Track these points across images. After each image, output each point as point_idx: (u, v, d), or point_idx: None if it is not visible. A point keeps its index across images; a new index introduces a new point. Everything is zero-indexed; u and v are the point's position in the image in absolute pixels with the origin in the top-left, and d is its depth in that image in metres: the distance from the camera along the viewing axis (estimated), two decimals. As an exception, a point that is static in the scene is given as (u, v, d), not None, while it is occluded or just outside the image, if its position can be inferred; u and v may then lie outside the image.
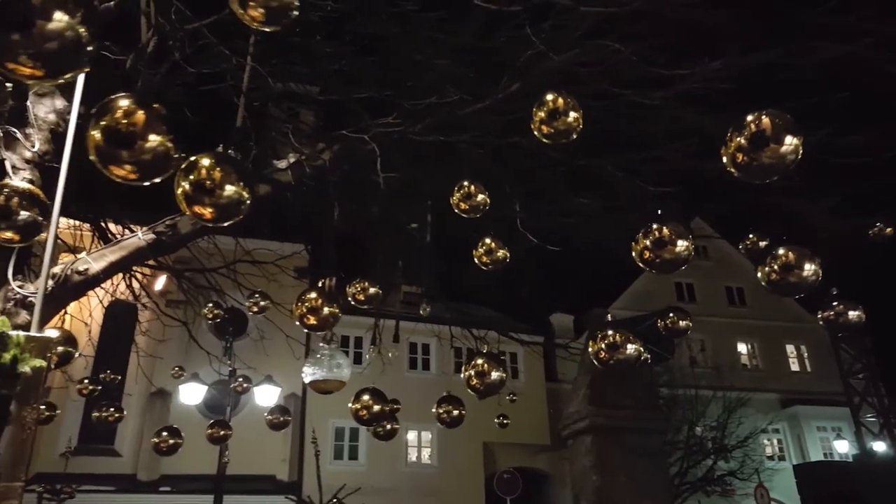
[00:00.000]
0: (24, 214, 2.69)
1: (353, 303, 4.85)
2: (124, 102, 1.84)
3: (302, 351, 14.29)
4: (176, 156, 1.92)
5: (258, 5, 2.21)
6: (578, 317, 25.23)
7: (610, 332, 3.93)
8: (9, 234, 2.70)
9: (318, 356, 4.35)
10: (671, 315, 4.78)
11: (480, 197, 4.32)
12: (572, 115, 3.42)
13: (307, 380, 4.37)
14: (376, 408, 4.48)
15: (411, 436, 21.60)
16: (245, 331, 16.32)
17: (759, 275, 3.21)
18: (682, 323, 4.75)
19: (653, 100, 5.23)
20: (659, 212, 3.20)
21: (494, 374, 3.82)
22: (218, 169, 2.12)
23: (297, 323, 3.88)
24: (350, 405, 4.54)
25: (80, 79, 3.33)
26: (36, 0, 1.48)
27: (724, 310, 28.21)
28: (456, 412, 5.09)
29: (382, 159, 4.82)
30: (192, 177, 2.09)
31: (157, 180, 1.96)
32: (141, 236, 4.23)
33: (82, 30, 1.54)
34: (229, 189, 2.11)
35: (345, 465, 20.03)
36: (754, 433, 23.27)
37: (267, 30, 2.36)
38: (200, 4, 4.36)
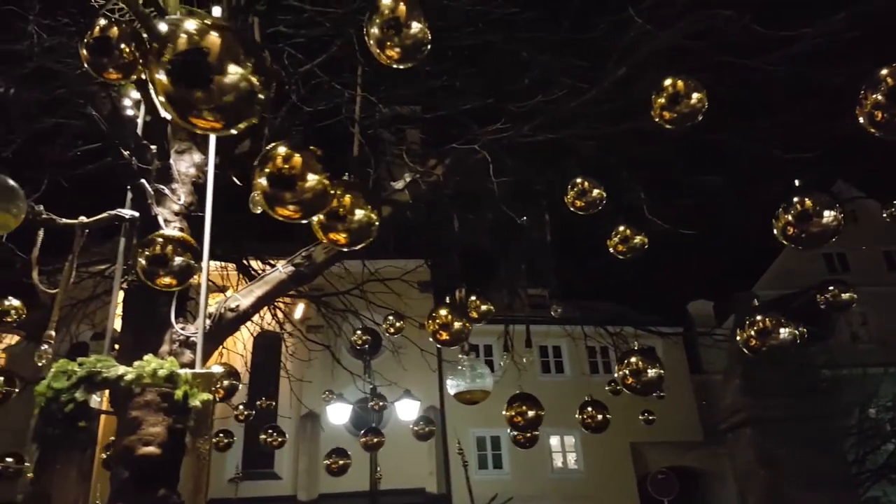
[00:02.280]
0: (178, 260, 2.86)
1: (474, 316, 4.87)
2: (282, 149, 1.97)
3: (436, 363, 14.58)
4: (333, 193, 2.02)
5: (395, 45, 2.30)
6: (719, 302, 23.83)
7: (759, 318, 3.65)
8: (167, 280, 2.88)
9: (460, 368, 4.41)
10: (831, 289, 4.40)
11: (596, 192, 4.20)
12: (695, 96, 3.26)
13: (452, 392, 4.44)
14: (531, 413, 4.46)
15: (554, 441, 21.26)
16: (380, 347, 16.92)
17: None
18: (844, 296, 4.37)
19: (770, 63, 4.86)
20: (796, 182, 2.97)
21: (651, 371, 3.70)
22: (347, 196, 2.24)
23: (431, 339, 3.96)
24: (504, 412, 4.56)
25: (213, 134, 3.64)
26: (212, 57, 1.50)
27: (884, 277, 25.35)
28: (600, 416, 4.96)
29: (494, 165, 4.84)
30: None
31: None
32: (281, 269, 4.50)
33: (255, 80, 1.55)
34: (359, 214, 2.22)
35: (490, 475, 20.09)
36: (941, 411, 20.70)
37: (403, 67, 2.43)
38: (309, 47, 4.63)
